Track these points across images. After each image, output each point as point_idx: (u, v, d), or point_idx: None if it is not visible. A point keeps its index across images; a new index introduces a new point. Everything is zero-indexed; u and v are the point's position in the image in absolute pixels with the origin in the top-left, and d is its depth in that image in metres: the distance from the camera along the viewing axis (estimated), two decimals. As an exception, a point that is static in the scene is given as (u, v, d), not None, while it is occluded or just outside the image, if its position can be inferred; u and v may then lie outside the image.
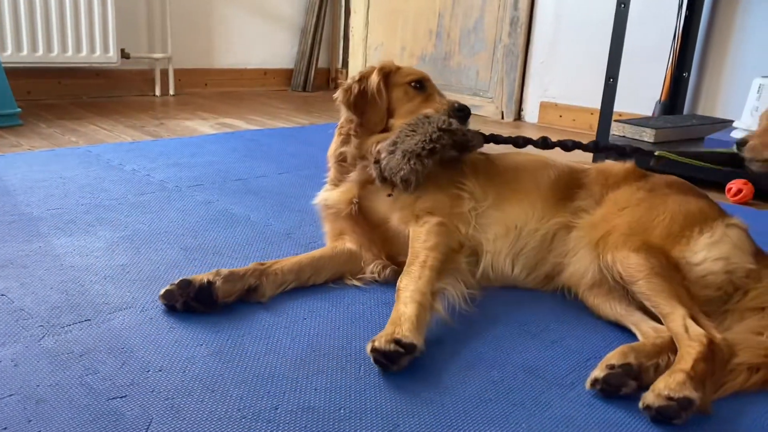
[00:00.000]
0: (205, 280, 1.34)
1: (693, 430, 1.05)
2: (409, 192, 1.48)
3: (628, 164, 1.65)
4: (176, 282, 1.34)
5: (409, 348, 1.14)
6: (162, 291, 1.35)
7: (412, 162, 1.44)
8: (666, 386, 1.07)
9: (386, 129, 1.62)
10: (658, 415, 1.06)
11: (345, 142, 1.66)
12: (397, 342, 1.14)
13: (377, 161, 1.50)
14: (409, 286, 1.29)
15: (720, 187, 2.63)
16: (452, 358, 1.23)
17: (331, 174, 1.69)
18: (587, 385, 1.14)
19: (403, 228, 1.50)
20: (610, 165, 1.66)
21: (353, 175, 1.61)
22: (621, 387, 1.12)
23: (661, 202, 1.47)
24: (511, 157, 1.70)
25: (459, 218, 1.51)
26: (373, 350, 1.15)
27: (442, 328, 1.33)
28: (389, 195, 1.53)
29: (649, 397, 1.07)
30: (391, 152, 1.48)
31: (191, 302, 1.33)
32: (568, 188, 1.59)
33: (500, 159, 1.68)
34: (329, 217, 1.64)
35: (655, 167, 1.66)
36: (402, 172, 1.44)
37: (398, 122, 1.59)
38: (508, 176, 1.61)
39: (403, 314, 1.21)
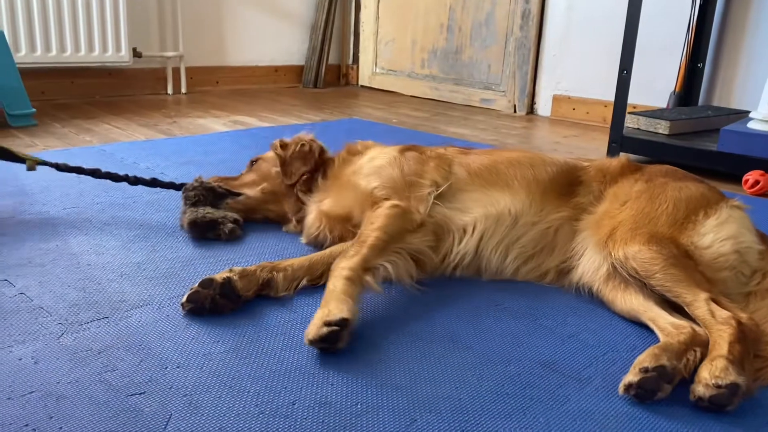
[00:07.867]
0: (225, 276, 1.35)
1: (731, 418, 1.05)
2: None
3: (622, 158, 1.65)
4: (197, 283, 1.33)
5: (340, 323, 1.17)
6: (185, 296, 1.33)
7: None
8: (711, 375, 1.06)
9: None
10: (711, 405, 1.05)
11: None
12: (327, 324, 1.16)
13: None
14: (340, 264, 1.34)
15: (737, 179, 2.60)
16: (468, 353, 1.23)
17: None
18: (620, 390, 1.09)
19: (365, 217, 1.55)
20: (608, 161, 1.65)
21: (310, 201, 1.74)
22: (656, 391, 1.07)
23: (661, 191, 1.46)
24: (504, 152, 1.71)
25: (418, 200, 1.54)
26: (311, 342, 1.17)
27: (457, 326, 1.34)
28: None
29: (699, 389, 1.06)
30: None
31: (218, 299, 1.32)
32: (569, 184, 1.59)
33: (492, 152, 1.70)
34: (323, 243, 1.66)
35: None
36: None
37: None
38: (500, 167, 1.61)
39: (331, 292, 1.26)
